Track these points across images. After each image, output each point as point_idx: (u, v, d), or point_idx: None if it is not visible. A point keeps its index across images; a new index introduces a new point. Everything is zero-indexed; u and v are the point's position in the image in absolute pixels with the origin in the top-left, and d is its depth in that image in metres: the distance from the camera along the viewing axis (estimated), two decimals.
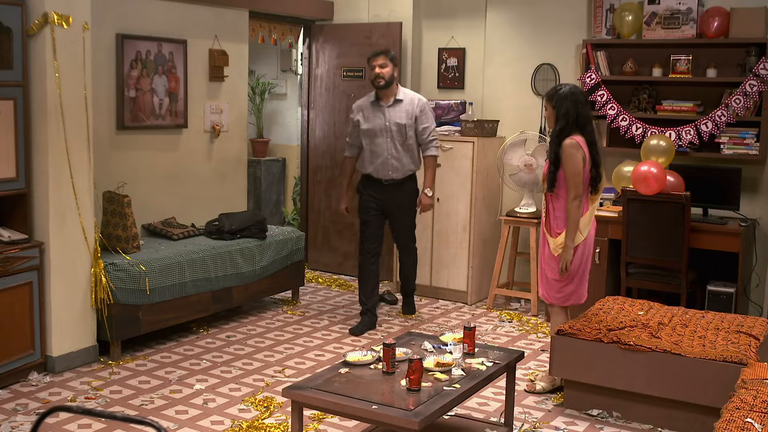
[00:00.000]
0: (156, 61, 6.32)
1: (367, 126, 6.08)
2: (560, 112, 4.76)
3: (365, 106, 6.15)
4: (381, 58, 5.99)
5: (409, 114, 6.05)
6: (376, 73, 5.98)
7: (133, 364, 5.38)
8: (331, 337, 6.09)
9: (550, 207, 4.88)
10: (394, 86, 6.07)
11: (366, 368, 3.95)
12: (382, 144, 6.05)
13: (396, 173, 6.10)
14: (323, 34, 8.07)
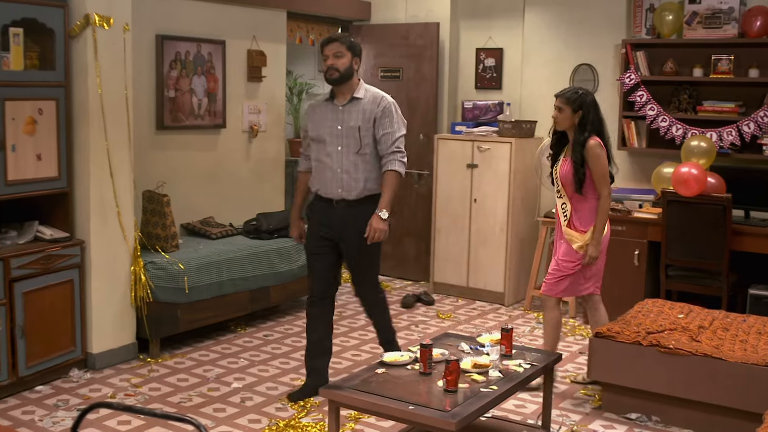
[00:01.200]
0: (195, 62, 6.37)
1: (314, 131, 4.80)
2: (588, 118, 4.82)
3: (316, 106, 4.89)
4: (336, 45, 4.68)
5: (367, 115, 4.70)
6: (328, 65, 4.68)
7: (172, 361, 5.43)
8: (368, 337, 6.09)
9: (574, 208, 4.91)
10: (352, 82, 4.76)
11: (403, 369, 3.95)
12: (332, 153, 4.72)
13: (348, 192, 4.72)
14: (360, 35, 8.08)
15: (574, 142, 4.84)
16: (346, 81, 4.71)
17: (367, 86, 4.83)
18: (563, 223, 4.95)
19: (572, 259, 4.91)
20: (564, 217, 4.95)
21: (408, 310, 6.89)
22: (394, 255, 8.01)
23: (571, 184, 4.85)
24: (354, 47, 4.74)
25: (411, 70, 7.79)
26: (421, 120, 7.75)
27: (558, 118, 4.91)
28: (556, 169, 4.99)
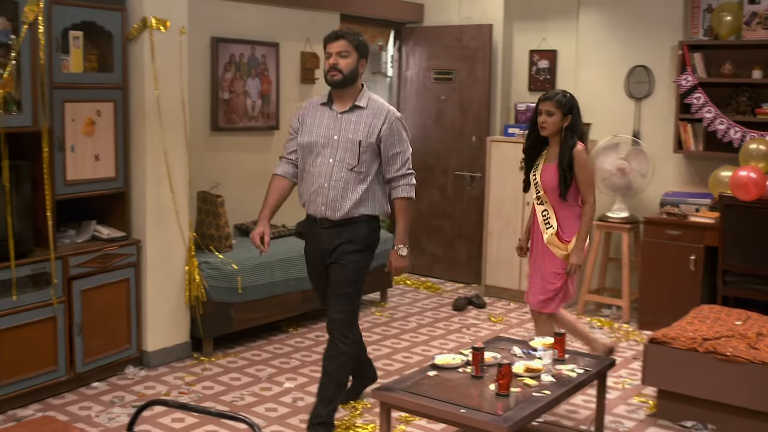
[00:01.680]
0: (249, 64, 6.43)
1: (307, 137, 4.25)
2: (576, 123, 4.70)
3: (311, 108, 4.35)
4: (341, 42, 4.16)
5: (371, 129, 4.17)
6: (331, 64, 4.16)
7: (225, 360, 5.48)
8: (419, 339, 6.08)
9: (558, 215, 4.74)
10: (355, 86, 4.24)
11: (454, 371, 3.93)
12: (322, 165, 4.19)
13: (332, 211, 4.19)
14: (413, 37, 8.08)
15: (563, 146, 4.67)
16: (349, 84, 4.20)
17: (371, 94, 4.30)
18: (548, 233, 4.76)
19: (560, 270, 4.77)
20: (547, 225, 4.77)
21: (459, 313, 6.87)
22: (446, 257, 7.99)
23: (556, 189, 4.70)
24: (361, 47, 4.22)
25: (464, 72, 7.77)
26: (473, 122, 7.72)
27: (547, 123, 4.69)
28: (535, 175, 4.80)
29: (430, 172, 7.98)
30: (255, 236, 4.29)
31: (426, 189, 7.99)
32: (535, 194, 4.81)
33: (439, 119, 7.97)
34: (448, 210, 7.97)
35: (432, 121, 8.00)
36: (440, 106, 7.95)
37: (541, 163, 4.80)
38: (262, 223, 4.33)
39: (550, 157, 4.77)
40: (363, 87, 4.28)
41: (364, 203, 4.23)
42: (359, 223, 4.25)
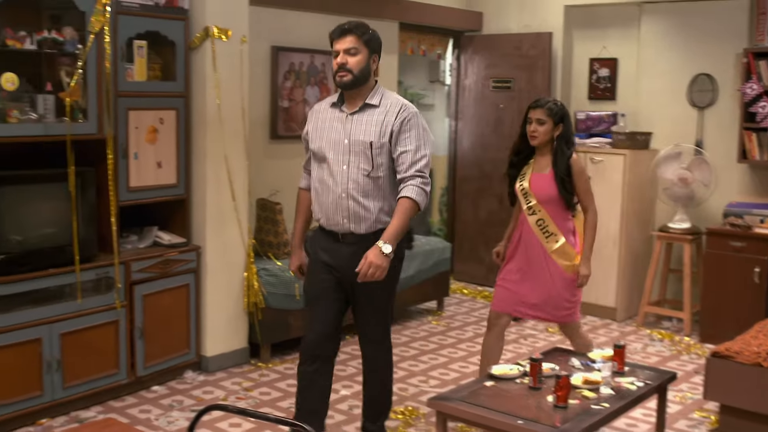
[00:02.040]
0: (309, 72, 6.49)
1: (317, 143, 3.89)
2: (568, 132, 4.50)
3: (319, 110, 3.99)
4: (350, 38, 3.77)
5: (383, 128, 3.77)
6: (339, 63, 3.77)
7: (282, 367, 5.51)
8: (476, 349, 6.05)
9: (559, 227, 4.52)
10: (368, 85, 3.84)
11: (512, 382, 3.90)
12: (336, 173, 3.80)
13: (357, 224, 3.82)
14: (472, 45, 8.06)
15: (558, 156, 4.47)
16: (361, 85, 3.80)
17: (385, 91, 3.90)
18: (557, 244, 4.51)
19: (573, 279, 4.55)
20: (549, 235, 4.51)
21: (516, 323, 6.82)
22: None
23: (558, 200, 4.48)
24: (372, 41, 3.80)
25: (523, 81, 7.72)
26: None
27: (537, 132, 4.47)
28: (523, 186, 4.55)
29: (488, 181, 7.95)
30: (295, 271, 4.15)
31: (484, 197, 7.96)
32: (525, 205, 4.55)
33: (497, 128, 7.93)
34: (506, 219, 7.84)
35: (490, 129, 7.97)
36: (498, 114, 7.91)
37: (528, 172, 4.57)
38: (296, 254, 4.09)
39: (540, 167, 4.54)
40: (376, 84, 3.87)
41: (389, 212, 3.83)
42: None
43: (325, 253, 3.91)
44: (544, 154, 4.55)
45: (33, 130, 4.39)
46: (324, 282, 3.93)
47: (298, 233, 4.12)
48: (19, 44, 4.34)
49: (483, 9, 8.04)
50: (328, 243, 3.89)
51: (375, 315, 4.00)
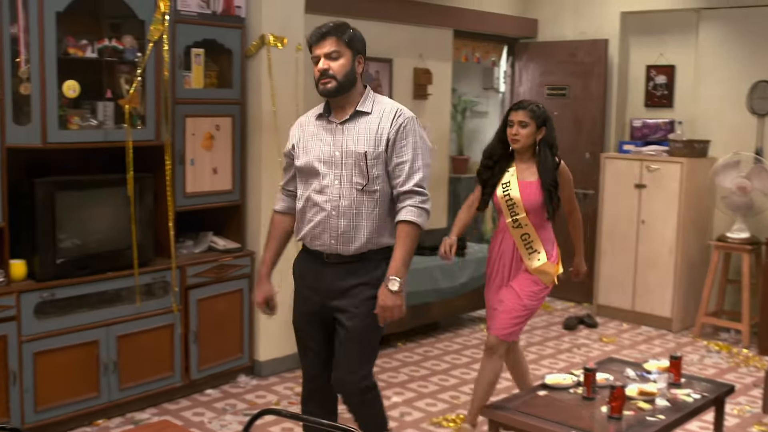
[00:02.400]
0: (363, 80, 6.49)
1: (303, 158, 3.46)
2: (551, 136, 4.28)
3: (305, 123, 3.57)
4: (330, 42, 3.36)
5: (378, 135, 3.36)
6: (320, 70, 3.36)
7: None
8: (528, 358, 6.00)
9: (541, 238, 4.28)
10: (355, 90, 3.42)
11: (565, 392, 3.87)
12: (326, 189, 3.38)
13: (345, 245, 3.39)
14: (527, 52, 8.02)
15: (543, 165, 4.23)
16: (347, 90, 3.38)
17: (377, 96, 3.50)
18: (538, 261, 4.26)
19: (539, 294, 4.31)
20: (532, 251, 4.26)
21: (570, 333, 6.76)
22: None
23: (540, 210, 4.24)
24: (355, 41, 3.41)
25: (578, 88, 7.66)
26: (587, 138, 7.60)
27: (519, 135, 4.22)
28: (510, 196, 4.25)
29: None
30: (260, 305, 3.61)
31: None
32: (510, 217, 4.26)
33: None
34: (560, 227, 7.83)
35: None
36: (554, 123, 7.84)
37: (512, 180, 4.27)
38: (262, 285, 3.61)
39: (526, 174, 4.27)
40: (366, 89, 3.47)
41: (384, 232, 3.40)
42: (377, 260, 3.41)
43: (309, 275, 3.50)
44: (525, 160, 4.30)
45: (93, 136, 4.48)
46: (310, 315, 3.52)
47: (267, 262, 3.63)
48: (80, 53, 4.43)
49: (538, 16, 7.99)
50: (312, 264, 3.48)
51: (354, 352, 3.43)
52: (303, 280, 3.54)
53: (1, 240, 4.20)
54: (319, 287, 3.47)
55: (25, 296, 4.21)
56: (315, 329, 3.54)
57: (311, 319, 3.53)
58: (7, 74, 4.07)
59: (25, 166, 4.37)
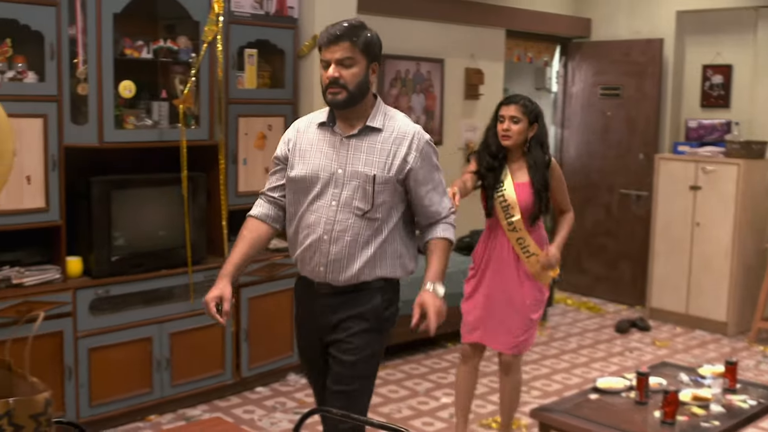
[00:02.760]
0: (414, 80, 6.51)
1: (300, 169, 3.03)
2: (542, 133, 4.05)
3: (305, 131, 3.12)
4: (343, 46, 2.91)
5: (391, 160, 2.98)
6: (330, 77, 2.92)
7: (383, 373, 5.54)
8: (579, 360, 5.95)
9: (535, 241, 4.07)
10: (367, 100, 3.01)
11: (617, 396, 3.82)
12: (321, 208, 2.98)
13: (335, 273, 3.00)
14: (580, 52, 7.94)
15: (536, 162, 4.00)
16: (358, 103, 2.97)
17: (387, 109, 3.09)
18: (537, 262, 4.04)
19: (543, 301, 4.16)
20: (527, 253, 4.04)
21: (622, 336, 6.67)
22: (609, 278, 7.79)
23: (531, 211, 4.01)
24: (371, 47, 2.98)
25: (631, 88, 7.57)
26: (640, 139, 7.50)
27: (511, 131, 3.97)
28: (506, 198, 4.00)
29: (594, 190, 7.81)
30: (209, 302, 2.99)
31: (589, 207, 7.82)
32: (505, 220, 4.03)
33: (604, 136, 7.79)
34: (612, 229, 7.77)
35: (597, 137, 7.84)
36: (606, 122, 7.77)
37: (506, 181, 4.04)
38: (220, 283, 3.04)
39: (518, 174, 4.05)
40: (377, 100, 3.06)
41: (381, 262, 3.03)
42: (372, 291, 3.04)
43: (302, 302, 3.18)
44: (515, 159, 4.07)
45: (148, 135, 4.54)
46: (311, 347, 3.17)
47: (232, 261, 3.11)
48: (136, 53, 4.50)
49: (592, 15, 7.91)
50: (304, 291, 3.14)
51: (343, 398, 3.04)
52: (299, 310, 3.21)
53: (59, 238, 4.29)
54: (311, 321, 3.12)
55: (80, 293, 4.29)
56: (314, 366, 3.19)
57: (311, 353, 3.18)
58: (65, 75, 4.16)
59: (82, 165, 4.45)
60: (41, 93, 4.10)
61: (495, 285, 4.11)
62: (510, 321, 4.07)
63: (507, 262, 4.08)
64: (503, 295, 4.09)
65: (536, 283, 4.10)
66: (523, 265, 4.07)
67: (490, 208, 4.09)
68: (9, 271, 4.14)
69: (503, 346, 4.11)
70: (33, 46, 4.10)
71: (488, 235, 4.15)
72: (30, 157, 4.08)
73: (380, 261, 3.01)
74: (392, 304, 3.13)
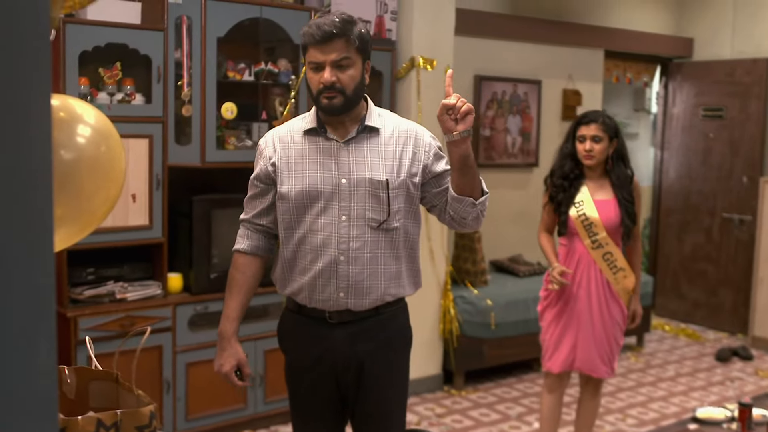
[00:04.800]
0: (511, 101, 6.49)
1: (295, 184, 2.64)
2: (623, 147, 3.96)
3: (290, 140, 2.71)
4: (338, 45, 2.57)
5: (400, 160, 2.67)
6: (325, 82, 2.55)
7: (475, 395, 5.51)
8: (677, 389, 5.79)
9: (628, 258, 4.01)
10: (360, 105, 2.69)
11: (718, 427, 3.72)
12: (329, 227, 2.61)
13: (358, 297, 2.63)
14: (681, 72, 7.78)
15: (620, 178, 3.93)
16: (355, 107, 2.65)
17: (378, 108, 2.78)
18: (627, 279, 3.97)
19: (623, 321, 4.04)
20: (615, 268, 3.95)
21: (722, 364, 6.47)
22: (709, 304, 7.57)
23: (617, 230, 3.92)
24: (366, 43, 2.67)
25: (735, 109, 7.37)
26: (744, 161, 7.29)
27: (594, 151, 3.88)
28: (587, 216, 3.91)
29: (694, 213, 7.63)
30: (229, 373, 2.67)
31: (689, 231, 7.63)
32: (589, 238, 3.94)
33: (706, 158, 7.60)
34: (713, 254, 7.56)
35: (698, 159, 7.65)
36: (708, 144, 7.59)
37: (586, 200, 3.94)
38: (230, 348, 2.71)
39: (599, 192, 3.96)
40: (367, 101, 2.74)
41: (404, 278, 2.71)
42: (396, 309, 2.73)
43: (310, 343, 2.70)
44: (595, 177, 3.99)
45: (247, 156, 4.63)
46: (322, 395, 2.71)
47: (232, 317, 2.75)
48: (238, 76, 4.62)
49: (694, 35, 7.75)
50: (311, 328, 2.69)
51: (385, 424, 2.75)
52: (302, 352, 2.72)
53: (161, 254, 4.42)
54: (325, 355, 2.66)
55: (180, 308, 4.41)
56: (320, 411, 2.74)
57: (314, 401, 2.72)
58: (170, 97, 4.30)
59: (185, 184, 4.58)
60: (148, 114, 4.26)
61: (583, 307, 3.99)
62: (602, 343, 3.99)
63: (594, 282, 3.98)
64: (594, 317, 3.99)
65: (620, 301, 4.01)
66: (610, 284, 3.99)
67: (564, 226, 3.99)
68: (113, 286, 4.29)
69: (598, 372, 4.03)
70: (141, 70, 4.26)
71: (566, 255, 4.05)
72: (136, 177, 4.23)
73: (403, 276, 2.70)
74: (408, 319, 2.81)
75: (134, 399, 1.73)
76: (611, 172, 3.96)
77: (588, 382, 4.14)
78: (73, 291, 4.20)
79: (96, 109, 2.00)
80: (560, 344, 4.04)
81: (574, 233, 3.98)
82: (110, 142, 1.95)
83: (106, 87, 4.19)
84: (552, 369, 4.07)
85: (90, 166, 1.89)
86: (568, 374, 4.15)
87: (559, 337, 4.04)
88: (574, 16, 6.84)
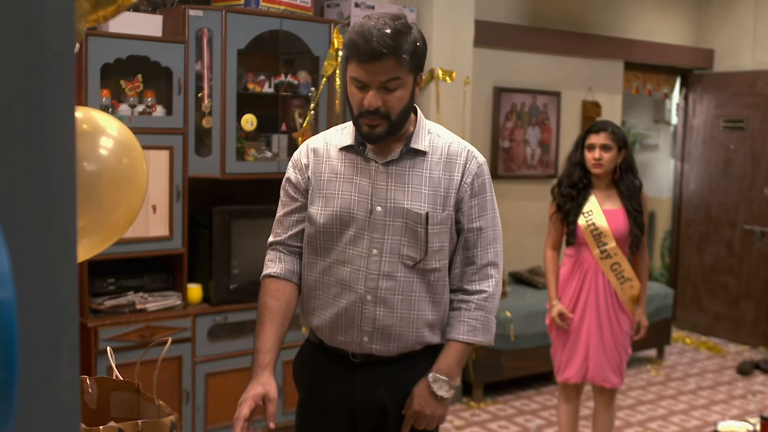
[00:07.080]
0: (530, 113, 6.48)
1: (326, 208, 2.34)
2: (631, 157, 4.01)
3: (325, 153, 2.39)
4: (388, 64, 2.19)
5: (444, 190, 2.32)
6: (370, 106, 2.20)
7: (494, 408, 5.49)
8: (698, 402, 5.75)
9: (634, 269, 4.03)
10: (408, 123, 2.33)
11: None
12: (357, 260, 2.30)
13: (385, 343, 2.32)
14: (701, 84, 7.75)
15: (628, 188, 3.96)
16: (399, 130, 2.29)
17: (431, 125, 2.42)
18: (633, 289, 3.99)
19: (630, 331, 4.07)
20: (622, 279, 3.97)
21: (744, 378, 6.42)
22: (730, 317, 7.51)
23: (626, 240, 3.96)
24: (417, 56, 2.28)
25: (756, 121, 7.33)
26: (766, 173, 7.25)
27: (604, 160, 3.91)
28: (596, 225, 3.93)
29: (714, 226, 7.58)
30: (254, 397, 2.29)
31: (710, 243, 7.59)
32: (598, 248, 3.96)
33: (726, 170, 7.56)
34: (734, 266, 7.50)
35: (719, 171, 7.61)
36: (729, 156, 7.54)
37: (595, 209, 3.96)
38: (262, 377, 2.29)
39: (607, 202, 3.99)
40: (418, 115, 2.38)
41: (438, 326, 2.37)
42: (427, 354, 2.38)
43: (330, 382, 2.42)
44: (603, 187, 4.02)
45: (267, 167, 4.67)
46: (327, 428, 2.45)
47: (266, 349, 2.32)
48: (258, 88, 4.64)
49: (714, 46, 7.72)
50: (332, 366, 2.41)
51: None
52: (320, 393, 2.44)
53: (181, 265, 4.44)
54: (344, 396, 2.38)
55: (200, 319, 4.43)
56: None
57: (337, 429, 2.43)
58: (191, 109, 4.33)
59: (205, 195, 4.60)
60: (168, 126, 4.29)
61: (593, 318, 4.02)
62: (612, 353, 4.03)
63: (603, 292, 4.00)
64: (603, 328, 4.02)
65: (626, 313, 4.04)
66: (617, 294, 4.01)
67: (573, 236, 4.01)
68: (133, 297, 4.31)
69: (610, 381, 4.06)
70: (162, 82, 4.29)
71: (573, 266, 4.07)
72: (156, 188, 4.26)
73: (438, 325, 2.35)
74: None
75: (155, 409, 1.73)
76: (620, 182, 3.99)
77: (601, 392, 4.15)
78: (94, 301, 4.22)
79: (118, 122, 2.02)
80: (573, 355, 4.07)
81: (583, 243, 4.01)
82: (132, 154, 1.96)
83: (127, 99, 4.22)
84: (569, 379, 4.10)
85: (112, 178, 1.91)
86: (583, 384, 4.19)
87: (571, 348, 4.07)
88: (593, 28, 6.83)
